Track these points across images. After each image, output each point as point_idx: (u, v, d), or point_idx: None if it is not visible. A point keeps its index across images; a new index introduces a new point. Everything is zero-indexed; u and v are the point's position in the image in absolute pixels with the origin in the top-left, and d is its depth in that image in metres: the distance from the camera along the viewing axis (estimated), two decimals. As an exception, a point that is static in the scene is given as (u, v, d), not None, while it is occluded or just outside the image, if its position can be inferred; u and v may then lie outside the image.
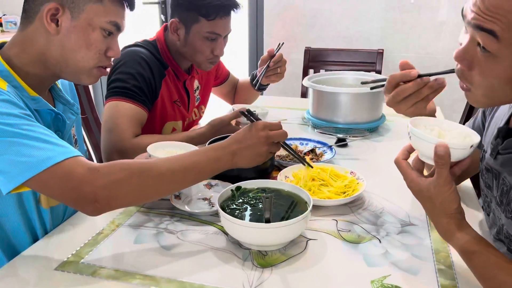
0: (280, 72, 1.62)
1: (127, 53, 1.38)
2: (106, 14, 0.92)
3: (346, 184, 1.09)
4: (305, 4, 2.73)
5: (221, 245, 0.89)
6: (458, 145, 0.74)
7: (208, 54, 1.41)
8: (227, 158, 0.91)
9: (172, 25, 1.40)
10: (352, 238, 0.92)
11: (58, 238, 0.92)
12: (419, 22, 2.58)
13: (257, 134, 0.92)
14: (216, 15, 1.35)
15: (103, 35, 0.93)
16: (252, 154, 0.92)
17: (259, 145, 0.92)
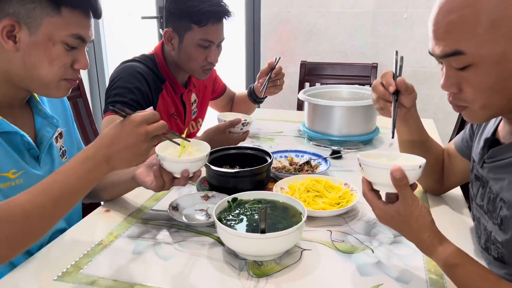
0: (280, 84, 1.67)
1: (124, 68, 1.41)
2: (66, 26, 0.88)
3: (340, 196, 1.11)
4: (301, 19, 2.79)
5: (217, 255, 0.91)
6: (409, 167, 0.77)
7: (202, 61, 1.44)
8: (101, 167, 0.83)
9: (166, 35, 1.43)
10: (345, 248, 0.94)
11: (58, 249, 0.93)
12: (412, 36, 2.63)
13: (135, 131, 0.83)
14: (208, 21, 1.38)
15: (65, 49, 0.89)
16: (131, 154, 0.84)
17: (139, 144, 0.83)
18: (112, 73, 1.43)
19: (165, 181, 0.96)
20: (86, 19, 0.91)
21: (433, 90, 2.67)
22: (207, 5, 1.37)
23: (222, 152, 1.29)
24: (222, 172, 1.16)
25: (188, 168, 0.93)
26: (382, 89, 1.00)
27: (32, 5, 0.85)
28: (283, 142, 1.64)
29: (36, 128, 1.00)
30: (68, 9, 0.87)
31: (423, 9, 2.56)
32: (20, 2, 0.84)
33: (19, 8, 0.84)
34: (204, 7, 1.36)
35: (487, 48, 0.69)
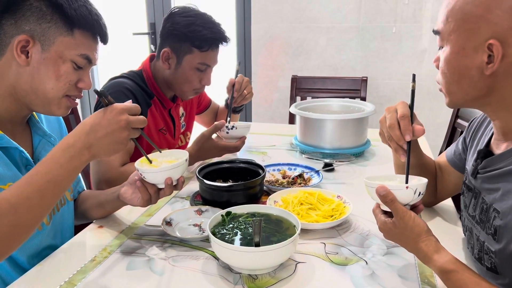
0: (248, 93, 1.68)
1: (113, 84, 1.42)
2: (76, 47, 0.93)
3: (333, 208, 1.12)
4: (291, 34, 2.82)
5: (212, 270, 0.91)
6: (394, 187, 0.84)
7: (196, 84, 1.47)
8: (82, 154, 0.84)
9: (164, 54, 1.45)
10: (339, 260, 0.94)
11: (51, 266, 0.93)
12: (401, 50, 2.67)
13: (116, 118, 0.85)
14: (209, 47, 1.41)
15: (73, 67, 0.94)
16: (111, 142, 0.85)
17: (119, 131, 0.85)
18: None
19: (151, 194, 0.98)
20: (94, 42, 0.97)
21: (423, 102, 2.70)
22: (209, 32, 1.41)
23: (215, 166, 1.30)
24: (215, 186, 1.16)
25: (170, 175, 0.95)
26: (398, 133, 0.91)
27: (47, 24, 0.90)
28: (276, 155, 1.65)
29: (34, 146, 1.01)
30: (80, 31, 0.93)
31: (410, 23, 2.61)
32: (37, 21, 0.89)
33: (35, 26, 0.89)
34: (206, 33, 1.40)
35: (452, 36, 0.79)
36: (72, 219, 1.13)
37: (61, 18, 0.90)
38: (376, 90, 2.76)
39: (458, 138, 1.58)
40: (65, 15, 0.90)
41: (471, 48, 0.76)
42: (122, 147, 0.88)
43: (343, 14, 2.70)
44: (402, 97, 2.72)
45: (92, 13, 0.95)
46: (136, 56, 3.41)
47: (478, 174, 0.88)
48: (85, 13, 0.93)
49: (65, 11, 0.90)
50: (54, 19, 0.90)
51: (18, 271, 0.94)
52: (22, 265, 0.96)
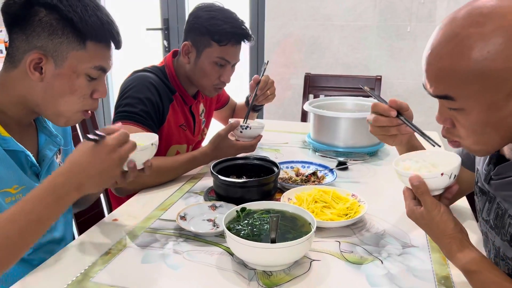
0: (270, 94, 1.67)
1: (136, 77, 1.42)
2: (90, 59, 0.91)
3: (348, 207, 1.11)
4: (305, 32, 2.81)
5: (227, 265, 0.91)
6: (429, 175, 0.82)
7: (215, 79, 1.47)
8: (70, 195, 0.81)
9: (184, 48, 1.45)
10: (354, 259, 0.94)
11: (67, 258, 0.93)
12: (415, 50, 2.65)
13: (109, 157, 0.83)
14: (228, 42, 1.41)
15: (87, 80, 0.93)
16: (103, 179, 0.84)
17: (112, 169, 0.84)
18: (123, 82, 1.44)
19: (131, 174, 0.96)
20: (108, 51, 0.95)
21: (437, 102, 2.67)
22: (230, 26, 1.41)
23: (229, 162, 1.30)
24: (229, 182, 1.16)
25: (133, 158, 0.92)
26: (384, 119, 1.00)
27: (59, 40, 0.88)
28: (289, 153, 1.65)
29: (40, 145, 1.02)
30: (93, 43, 0.91)
31: (426, 22, 2.59)
32: (48, 36, 0.87)
33: (47, 42, 0.88)
34: (226, 28, 1.40)
35: (476, 97, 0.70)
36: (70, 214, 1.14)
37: (72, 32, 0.89)
38: (390, 89, 2.74)
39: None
40: (76, 28, 0.88)
41: (503, 99, 0.69)
42: (113, 181, 0.87)
43: (358, 12, 2.69)
44: (416, 97, 2.70)
45: (103, 22, 0.92)
46: (149, 52, 3.43)
47: (492, 180, 0.86)
48: (97, 24, 0.91)
49: (76, 25, 0.88)
50: (66, 33, 0.88)
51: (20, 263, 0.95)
52: (25, 258, 0.97)
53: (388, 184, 1.36)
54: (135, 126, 1.32)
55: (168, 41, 3.26)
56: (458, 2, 2.48)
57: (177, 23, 3.22)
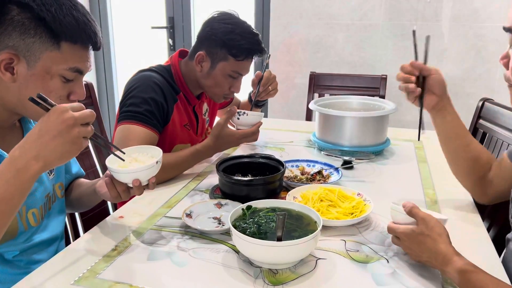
0: (272, 90, 1.68)
1: (141, 77, 1.42)
2: (64, 61, 0.88)
3: (354, 205, 1.11)
4: (310, 31, 2.81)
5: (232, 263, 0.91)
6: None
7: (225, 89, 1.50)
8: (30, 166, 0.77)
9: (198, 57, 1.46)
10: (360, 258, 0.94)
11: (73, 254, 0.94)
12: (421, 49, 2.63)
13: (61, 118, 0.77)
14: (245, 57, 1.43)
15: (62, 81, 0.90)
16: (61, 144, 0.78)
17: (67, 131, 0.77)
18: (128, 81, 1.44)
19: (119, 192, 0.96)
20: (85, 52, 0.91)
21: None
22: (248, 42, 1.42)
23: (235, 161, 1.30)
24: (235, 180, 1.16)
25: (138, 177, 0.93)
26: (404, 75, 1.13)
27: (31, 40, 0.85)
28: (294, 151, 1.65)
29: None
30: (68, 44, 0.87)
31: (432, 21, 2.58)
32: (20, 36, 0.84)
33: (18, 42, 0.84)
34: (244, 44, 1.42)
35: None
36: (63, 215, 1.13)
37: (45, 32, 0.85)
38: (395, 88, 2.71)
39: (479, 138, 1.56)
40: (50, 28, 0.85)
41: None
42: (76, 147, 0.80)
43: (363, 11, 2.68)
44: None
45: (79, 22, 0.88)
46: (154, 50, 3.43)
47: None
48: (72, 24, 0.87)
49: (49, 25, 0.85)
50: (38, 33, 0.85)
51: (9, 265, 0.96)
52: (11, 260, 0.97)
53: (394, 183, 1.35)
54: (139, 126, 1.32)
55: (173, 40, 3.26)
56: (465, 1, 2.47)
57: (182, 21, 3.22)
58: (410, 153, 1.64)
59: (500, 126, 1.55)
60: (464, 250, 0.94)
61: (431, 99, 1.09)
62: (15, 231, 0.96)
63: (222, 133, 1.39)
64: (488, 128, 1.63)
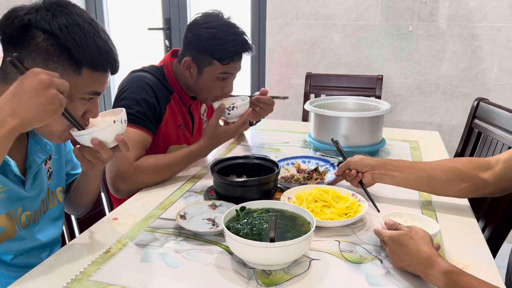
0: (258, 112, 1.66)
1: (133, 78, 1.42)
2: (85, 85, 0.90)
3: (348, 206, 1.11)
4: (306, 31, 2.81)
5: (226, 264, 0.91)
6: None
7: (217, 91, 1.47)
8: (6, 122, 0.76)
9: (185, 64, 1.44)
10: (354, 258, 0.94)
11: (67, 257, 0.94)
12: (417, 49, 2.64)
13: (37, 78, 0.77)
14: (231, 60, 1.40)
15: (81, 104, 0.92)
16: (39, 103, 0.77)
17: (44, 90, 0.77)
18: (121, 83, 1.44)
19: (88, 158, 0.97)
20: (104, 77, 0.94)
21: (438, 102, 2.67)
22: (232, 45, 1.38)
23: (229, 162, 1.29)
24: (230, 181, 1.16)
25: (97, 136, 0.92)
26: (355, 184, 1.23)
27: (54, 65, 0.87)
28: (289, 152, 1.64)
29: (28, 151, 1.00)
30: (89, 70, 0.90)
31: (428, 22, 2.58)
32: (43, 61, 0.86)
33: (42, 66, 0.85)
34: (229, 47, 1.37)
35: None
36: (61, 219, 1.13)
37: (68, 60, 0.87)
38: (391, 89, 2.73)
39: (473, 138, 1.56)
40: (73, 56, 0.87)
41: None
42: (53, 108, 0.78)
43: (359, 12, 2.68)
44: (417, 96, 2.70)
45: (101, 50, 0.91)
46: (151, 51, 3.43)
47: None
48: (94, 52, 0.89)
49: (72, 53, 0.87)
50: (61, 60, 0.87)
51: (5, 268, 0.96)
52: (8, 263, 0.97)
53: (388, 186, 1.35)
54: (132, 127, 1.32)
55: (170, 41, 3.26)
56: (460, 1, 2.48)
57: (179, 22, 3.22)
58: (406, 153, 1.64)
59: (495, 126, 1.56)
60: (458, 251, 0.95)
61: (365, 177, 1.20)
62: (13, 232, 0.96)
63: (216, 133, 1.39)
64: (483, 128, 1.64)
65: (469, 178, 1.10)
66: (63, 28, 0.86)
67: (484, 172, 1.10)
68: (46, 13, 0.87)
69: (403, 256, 0.86)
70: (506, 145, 1.46)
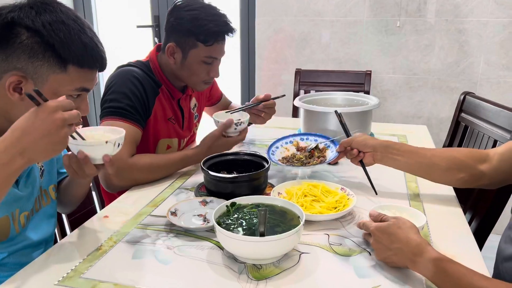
0: (263, 117, 1.67)
1: (120, 72, 1.42)
2: (71, 82, 0.90)
3: (337, 200, 1.13)
4: (295, 27, 2.82)
5: (217, 259, 0.92)
6: None
7: (204, 76, 1.47)
8: (15, 161, 0.77)
9: (168, 49, 1.44)
10: (343, 251, 0.95)
11: (58, 255, 0.94)
12: (405, 44, 2.67)
13: (51, 118, 0.76)
14: (214, 41, 1.40)
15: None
16: (48, 143, 0.77)
17: (56, 131, 0.77)
18: (108, 78, 1.44)
19: (74, 168, 0.93)
20: (91, 73, 0.94)
21: (426, 97, 2.70)
22: (214, 25, 1.39)
23: (220, 158, 1.30)
24: (220, 178, 1.17)
25: (84, 151, 0.89)
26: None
27: (39, 63, 0.87)
28: (280, 148, 1.65)
29: None
30: (75, 67, 0.90)
31: (415, 17, 2.60)
32: (28, 59, 0.86)
33: (27, 64, 0.87)
34: (211, 27, 1.38)
35: None
36: (54, 217, 1.13)
37: (53, 57, 0.87)
38: (380, 84, 2.76)
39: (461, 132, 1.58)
40: (57, 54, 0.87)
41: None
42: (62, 147, 0.80)
43: (347, 8, 2.70)
44: (405, 91, 2.72)
45: (87, 47, 0.90)
46: (140, 49, 3.41)
47: None
48: (79, 49, 0.89)
49: (57, 50, 0.87)
50: (46, 57, 0.87)
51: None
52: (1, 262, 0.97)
53: (377, 178, 1.37)
54: (122, 122, 1.32)
55: (159, 38, 3.24)
56: (447, -4, 2.50)
57: (168, 20, 3.21)
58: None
59: (481, 119, 1.58)
60: (445, 243, 0.97)
61: (366, 158, 1.21)
62: (7, 233, 0.96)
63: (215, 144, 1.41)
64: (470, 121, 1.66)
65: (468, 169, 1.12)
66: (47, 25, 0.86)
67: (482, 164, 1.12)
68: (30, 11, 0.87)
69: (391, 245, 0.85)
70: (492, 138, 1.49)
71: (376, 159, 1.20)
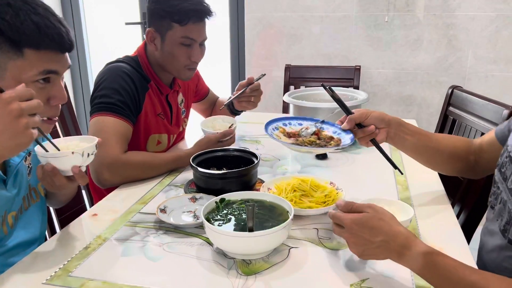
0: (254, 101, 1.67)
1: (110, 69, 1.41)
2: (31, 67, 0.85)
3: (326, 194, 1.13)
4: (285, 23, 2.82)
5: (206, 255, 0.92)
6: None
7: (185, 60, 1.45)
8: None
9: (148, 35, 1.44)
10: (332, 245, 0.96)
11: (46, 253, 0.93)
12: (393, 39, 2.68)
13: (7, 109, 0.71)
14: (189, 20, 1.39)
15: (38, 87, 0.87)
16: (10, 137, 0.72)
17: (14, 123, 0.72)
18: (97, 75, 1.43)
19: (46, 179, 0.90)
20: (54, 54, 0.88)
21: (416, 91, 2.72)
22: (188, 4, 1.38)
23: (209, 155, 1.30)
24: (209, 174, 1.17)
25: (51, 162, 0.86)
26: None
27: None
28: (269, 144, 1.66)
29: None
30: (31, 50, 0.85)
31: (404, 12, 2.61)
32: None
33: None
34: (185, 6, 1.38)
35: None
36: (43, 213, 1.12)
37: (5, 42, 0.83)
38: (370, 79, 2.77)
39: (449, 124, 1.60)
40: (8, 38, 0.82)
41: None
42: (26, 139, 0.74)
43: (336, 3, 2.70)
44: (395, 86, 2.74)
45: (40, 26, 0.84)
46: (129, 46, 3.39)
47: None
48: (31, 30, 0.83)
49: (6, 34, 0.82)
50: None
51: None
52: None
53: (366, 172, 1.38)
54: (113, 117, 1.32)
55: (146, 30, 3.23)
56: None
57: (157, 17, 3.19)
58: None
59: (468, 112, 1.60)
60: (433, 235, 0.97)
61: (380, 135, 1.08)
62: None
63: (209, 146, 1.41)
64: (458, 114, 1.67)
65: (464, 159, 1.13)
66: None
67: (472, 154, 1.13)
68: None
69: (373, 238, 0.78)
70: (479, 131, 1.50)
71: (389, 137, 1.08)
